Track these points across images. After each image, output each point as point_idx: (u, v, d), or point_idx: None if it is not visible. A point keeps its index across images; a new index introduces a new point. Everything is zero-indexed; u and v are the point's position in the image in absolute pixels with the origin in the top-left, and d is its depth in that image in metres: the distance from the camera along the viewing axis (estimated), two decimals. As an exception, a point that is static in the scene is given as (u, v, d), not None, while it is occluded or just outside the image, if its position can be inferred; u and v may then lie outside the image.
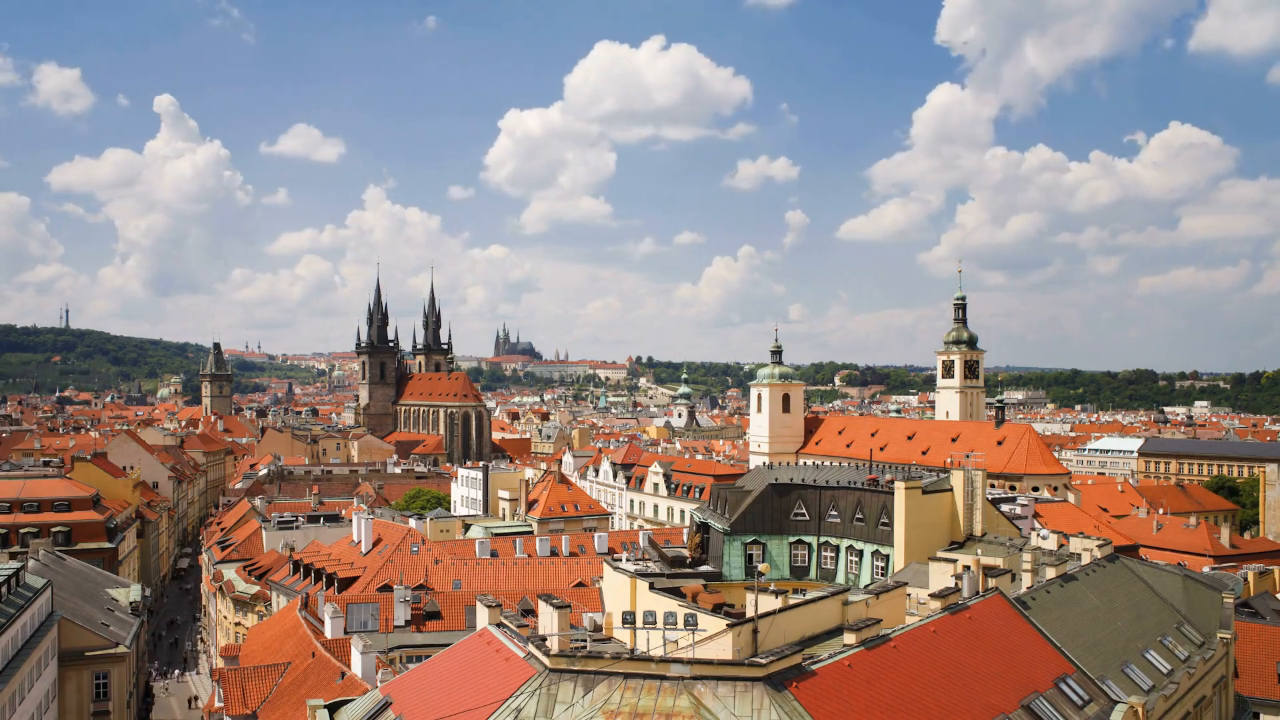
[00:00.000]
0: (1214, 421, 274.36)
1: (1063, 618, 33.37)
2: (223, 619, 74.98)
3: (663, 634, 26.44)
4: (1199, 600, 41.69)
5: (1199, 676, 35.48)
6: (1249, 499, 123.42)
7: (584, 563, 63.34)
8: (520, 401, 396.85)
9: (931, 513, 48.60)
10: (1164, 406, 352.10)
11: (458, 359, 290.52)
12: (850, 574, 51.04)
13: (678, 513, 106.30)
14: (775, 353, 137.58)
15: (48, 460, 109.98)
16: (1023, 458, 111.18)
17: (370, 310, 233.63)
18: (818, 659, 24.64)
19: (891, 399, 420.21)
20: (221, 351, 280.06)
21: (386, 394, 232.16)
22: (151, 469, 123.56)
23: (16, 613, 44.87)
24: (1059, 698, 28.30)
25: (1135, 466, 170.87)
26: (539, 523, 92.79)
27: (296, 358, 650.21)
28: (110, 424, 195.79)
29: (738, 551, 53.07)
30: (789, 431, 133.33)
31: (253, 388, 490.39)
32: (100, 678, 51.09)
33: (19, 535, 75.43)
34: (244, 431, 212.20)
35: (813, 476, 56.19)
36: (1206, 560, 74.55)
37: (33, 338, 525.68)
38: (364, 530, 67.76)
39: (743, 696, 22.00)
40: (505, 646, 25.60)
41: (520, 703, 22.28)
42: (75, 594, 57.22)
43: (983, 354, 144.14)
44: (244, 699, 39.44)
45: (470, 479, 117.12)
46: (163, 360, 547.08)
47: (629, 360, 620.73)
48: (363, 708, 27.02)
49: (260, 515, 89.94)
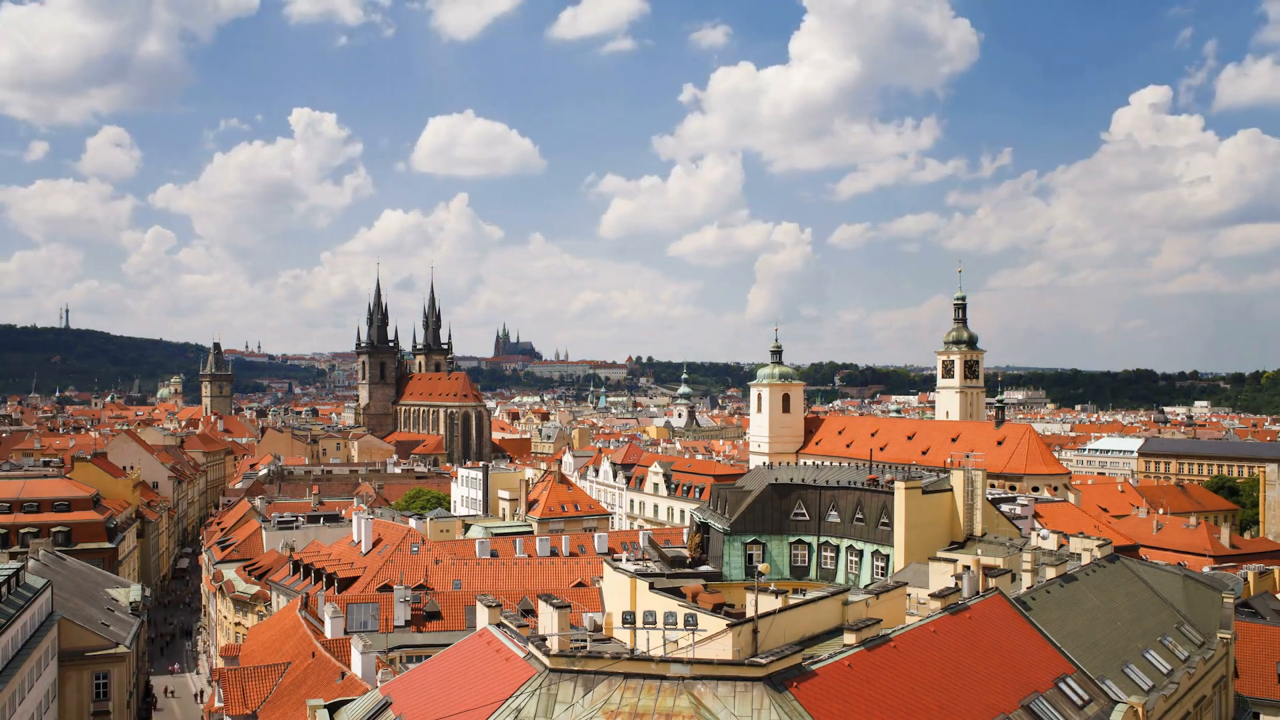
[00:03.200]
0: (1214, 421, 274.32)
1: (1063, 618, 33.37)
2: (223, 619, 74.98)
3: (663, 634, 26.43)
4: (1199, 600, 41.68)
5: (1199, 676, 35.48)
6: (1249, 499, 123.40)
7: (584, 563, 63.33)
8: (520, 401, 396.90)
9: (931, 513, 48.60)
10: (1164, 406, 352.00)
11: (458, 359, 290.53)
12: (850, 574, 51.04)
13: (678, 513, 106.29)
14: (775, 353, 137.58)
15: (48, 460, 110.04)
16: (1023, 458, 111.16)
17: (370, 310, 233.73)
18: (818, 659, 24.64)
19: (891, 399, 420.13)
20: (221, 351, 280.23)
21: (386, 394, 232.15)
22: (151, 469, 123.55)
23: (16, 613, 44.86)
24: (1059, 698, 28.30)
25: (1135, 466, 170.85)
26: (539, 523, 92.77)
27: (296, 358, 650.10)
28: (110, 424, 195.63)
29: (738, 551, 53.06)
30: (789, 431, 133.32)
31: (253, 388, 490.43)
32: (100, 678, 51.07)
33: (19, 535, 75.42)
34: (244, 431, 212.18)
35: (813, 476, 56.17)
36: (1206, 560, 74.53)
37: (33, 338, 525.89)
38: (364, 530, 67.75)
39: (743, 696, 22.00)
40: (505, 646, 25.60)
41: (520, 703, 22.27)
42: (75, 594, 57.21)
43: (983, 354, 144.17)
44: (244, 699, 39.43)
45: (470, 479, 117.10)
46: (163, 360, 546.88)
47: (629, 360, 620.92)
48: (363, 708, 27.02)
49: (260, 515, 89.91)
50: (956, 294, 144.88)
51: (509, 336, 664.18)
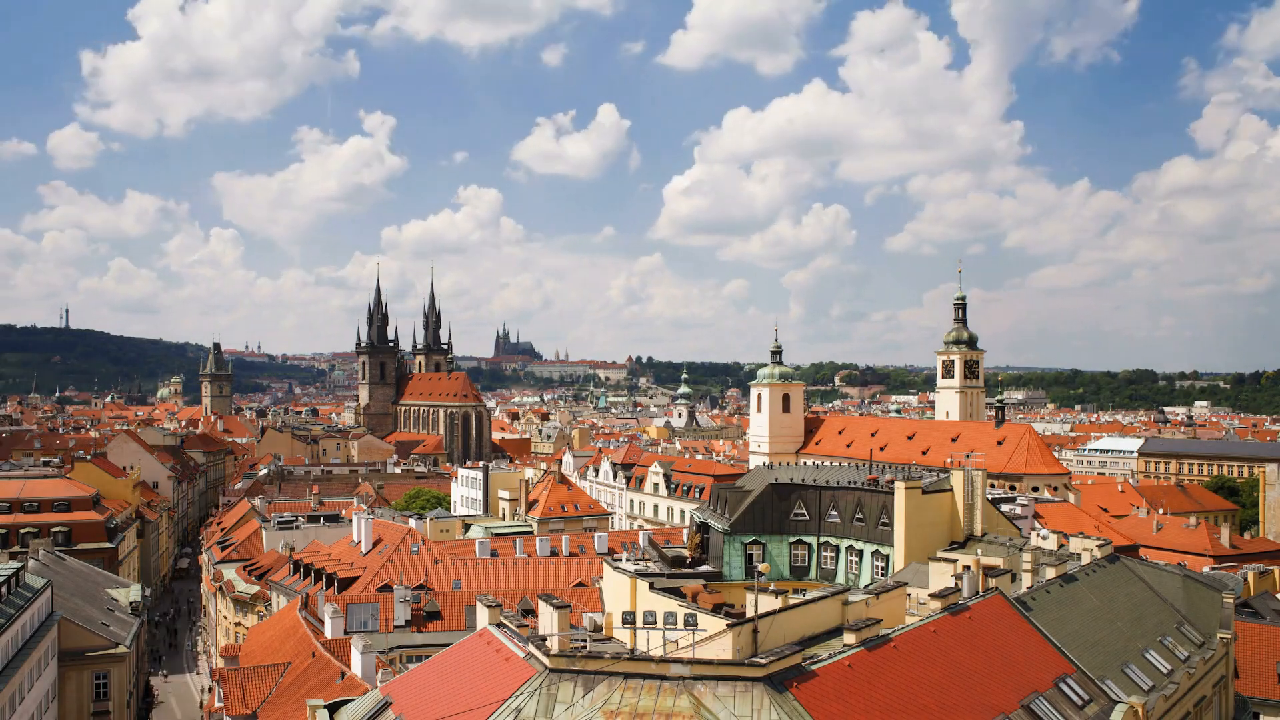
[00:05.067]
0: (1214, 421, 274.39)
1: (1063, 618, 33.36)
2: (223, 619, 74.97)
3: (663, 634, 26.44)
4: (1199, 600, 41.68)
5: (1199, 676, 35.48)
6: (1249, 499, 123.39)
7: (584, 563, 63.32)
8: (520, 401, 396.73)
9: (931, 513, 48.57)
10: (1164, 406, 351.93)
11: (458, 359, 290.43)
12: (850, 574, 51.01)
13: (678, 513, 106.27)
14: (775, 353, 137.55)
15: (48, 460, 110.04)
16: (1023, 458, 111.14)
17: (370, 310, 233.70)
18: (818, 659, 24.64)
19: (891, 399, 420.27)
20: (221, 351, 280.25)
21: (386, 394, 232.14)
22: (151, 469, 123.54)
23: (16, 613, 44.87)
24: (1059, 698, 28.30)
25: (1135, 466, 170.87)
26: (539, 523, 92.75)
27: (296, 358, 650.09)
28: (110, 424, 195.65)
29: (738, 551, 53.03)
30: (789, 431, 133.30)
31: (253, 388, 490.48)
32: (100, 678, 51.11)
33: (19, 535, 75.43)
34: (244, 431, 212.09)
35: (813, 476, 56.14)
36: (1206, 560, 74.54)
37: (33, 338, 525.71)
38: (364, 530, 67.74)
39: (743, 696, 21.99)
40: (505, 646, 25.60)
41: (520, 703, 22.27)
42: (75, 594, 57.23)
43: (983, 354, 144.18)
44: (244, 699, 39.41)
45: (470, 479, 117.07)
46: (163, 360, 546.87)
47: (629, 360, 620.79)
48: (363, 708, 27.02)
49: (260, 515, 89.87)
50: (956, 294, 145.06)
51: (509, 336, 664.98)
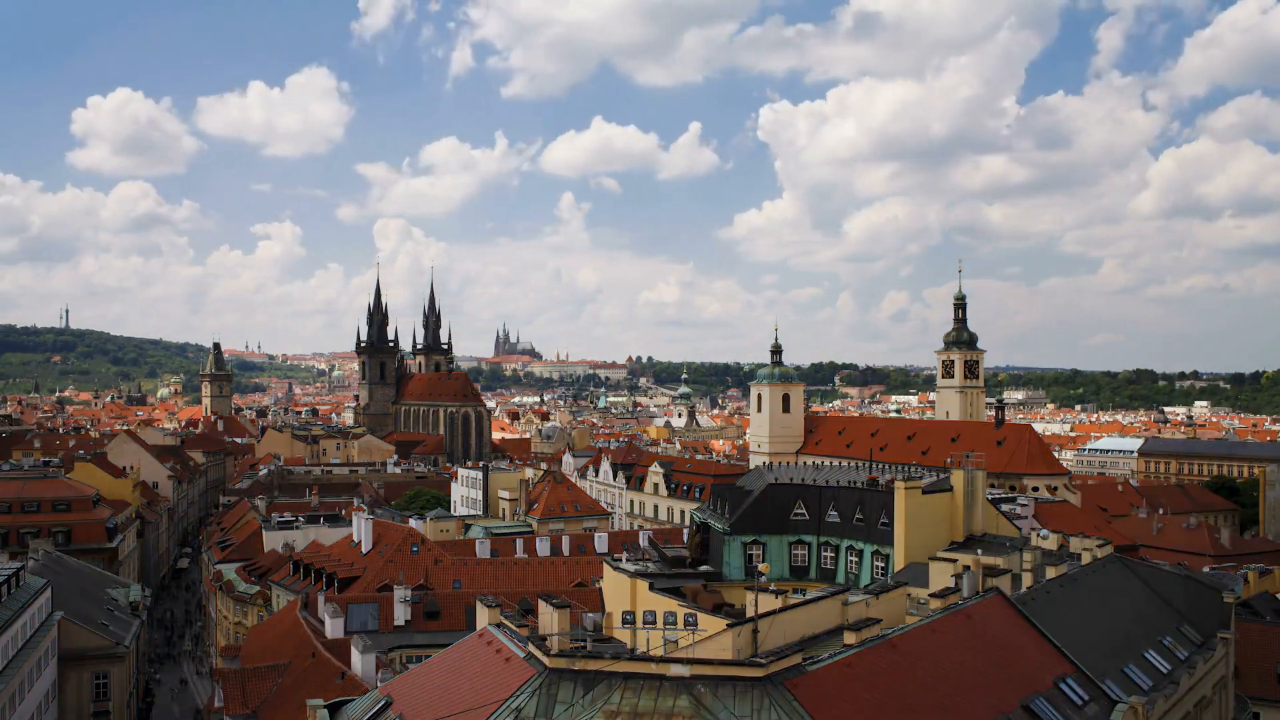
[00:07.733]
0: (1214, 421, 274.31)
1: (1063, 618, 33.34)
2: (223, 619, 74.94)
3: (663, 634, 26.42)
4: (1199, 600, 41.65)
5: (1199, 676, 35.47)
6: (1249, 499, 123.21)
7: (584, 563, 63.33)
8: (520, 401, 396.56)
9: (931, 513, 48.53)
10: (1164, 406, 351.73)
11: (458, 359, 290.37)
12: (850, 574, 50.99)
13: (678, 513, 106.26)
14: (775, 353, 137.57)
15: (48, 460, 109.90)
16: (1023, 458, 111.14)
17: (370, 310, 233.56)
18: (818, 659, 24.62)
19: (891, 399, 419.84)
20: (221, 351, 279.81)
21: (386, 394, 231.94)
22: (151, 469, 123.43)
23: (16, 613, 44.87)
24: (1059, 698, 28.28)
25: (1135, 466, 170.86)
26: (539, 523, 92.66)
27: (296, 358, 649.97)
28: (110, 424, 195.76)
29: (738, 551, 53.00)
30: (789, 431, 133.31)
31: (253, 388, 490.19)
32: (100, 678, 51.11)
33: (19, 535, 75.43)
34: (244, 431, 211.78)
35: (813, 476, 56.15)
36: (1206, 560, 74.43)
37: (33, 338, 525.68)
38: (364, 530, 67.68)
39: (743, 696, 21.99)
40: (505, 646, 25.60)
41: (520, 703, 22.27)
42: (75, 594, 57.21)
43: (983, 354, 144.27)
44: (244, 699, 39.37)
45: (470, 479, 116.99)
46: (163, 360, 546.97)
47: (629, 360, 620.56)
48: (363, 708, 27.02)
49: (260, 515, 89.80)
50: (956, 294, 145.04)
51: (509, 336, 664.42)
